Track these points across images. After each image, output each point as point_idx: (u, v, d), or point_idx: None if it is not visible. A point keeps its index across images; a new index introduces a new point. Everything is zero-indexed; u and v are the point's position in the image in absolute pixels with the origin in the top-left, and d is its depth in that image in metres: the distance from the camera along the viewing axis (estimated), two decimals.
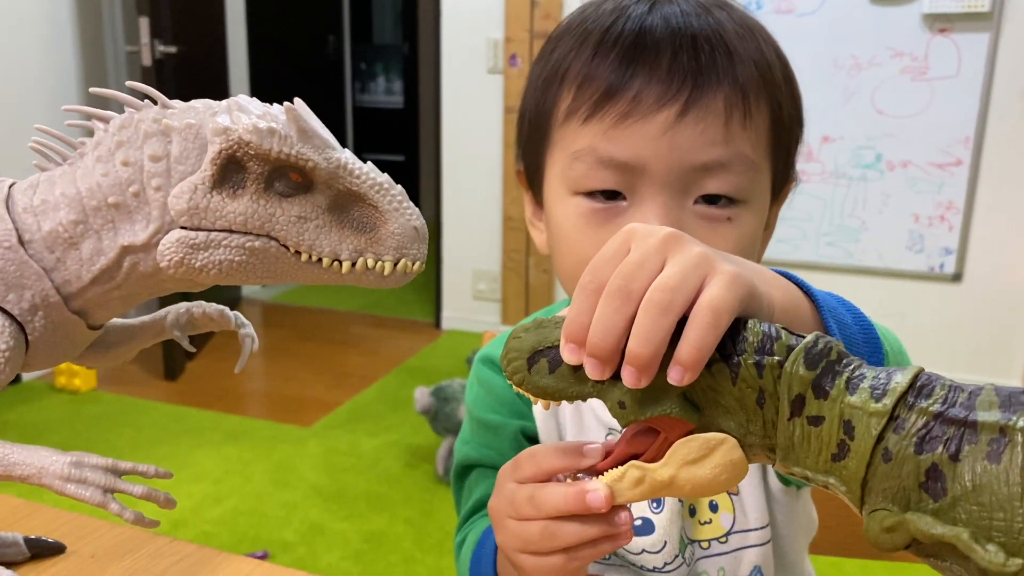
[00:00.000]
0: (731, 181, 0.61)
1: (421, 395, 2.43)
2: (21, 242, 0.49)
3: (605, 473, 0.45)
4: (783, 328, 0.40)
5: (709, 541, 0.69)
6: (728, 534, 0.69)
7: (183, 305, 0.60)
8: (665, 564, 0.68)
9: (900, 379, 0.37)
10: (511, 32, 3.42)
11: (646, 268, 0.40)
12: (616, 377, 0.40)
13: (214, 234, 0.47)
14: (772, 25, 0.69)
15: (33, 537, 0.63)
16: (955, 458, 0.35)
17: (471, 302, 3.78)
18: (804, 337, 0.39)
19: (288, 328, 3.91)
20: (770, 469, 0.70)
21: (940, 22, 2.92)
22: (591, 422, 0.71)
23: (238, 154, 0.47)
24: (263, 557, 2.09)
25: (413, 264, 0.51)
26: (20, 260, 0.48)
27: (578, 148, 0.63)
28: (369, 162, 0.52)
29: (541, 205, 0.73)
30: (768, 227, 0.70)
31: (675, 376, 0.39)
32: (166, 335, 0.60)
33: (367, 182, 0.50)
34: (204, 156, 0.48)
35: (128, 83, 0.50)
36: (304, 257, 0.49)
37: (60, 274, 0.49)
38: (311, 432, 2.79)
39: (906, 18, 2.95)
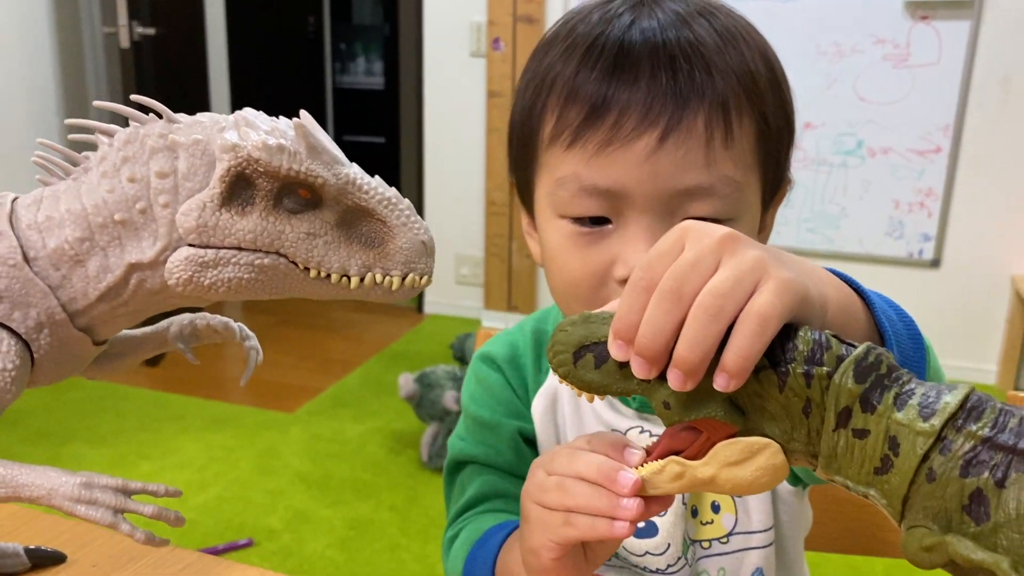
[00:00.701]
0: (715, 204, 0.61)
1: (405, 381, 2.43)
2: (26, 259, 0.48)
3: (645, 464, 0.46)
4: (834, 336, 0.40)
5: (710, 541, 0.70)
6: (729, 535, 0.70)
7: (186, 316, 0.59)
8: (668, 566, 0.68)
9: (950, 399, 0.37)
10: (494, 15, 3.39)
11: (699, 270, 0.40)
12: (662, 377, 0.41)
13: (223, 252, 0.47)
14: (755, 12, 0.68)
15: (33, 547, 0.63)
16: (1001, 484, 0.35)
17: (454, 287, 3.77)
18: (855, 347, 0.39)
19: (270, 314, 3.89)
20: None
21: (922, 9, 2.93)
22: (591, 423, 0.72)
23: (247, 171, 0.47)
24: (248, 545, 2.09)
25: (421, 278, 0.51)
26: (25, 278, 0.48)
27: (562, 175, 0.63)
28: (376, 176, 0.51)
29: (532, 216, 0.73)
30: (764, 230, 0.70)
31: (721, 383, 0.39)
32: (169, 347, 0.59)
33: (375, 197, 0.50)
34: (212, 173, 0.47)
35: (133, 96, 0.49)
36: (313, 273, 0.49)
37: (66, 292, 0.49)
38: (294, 418, 2.78)
39: (888, 5, 2.96)
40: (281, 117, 0.51)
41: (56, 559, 0.64)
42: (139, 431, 2.65)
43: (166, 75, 3.15)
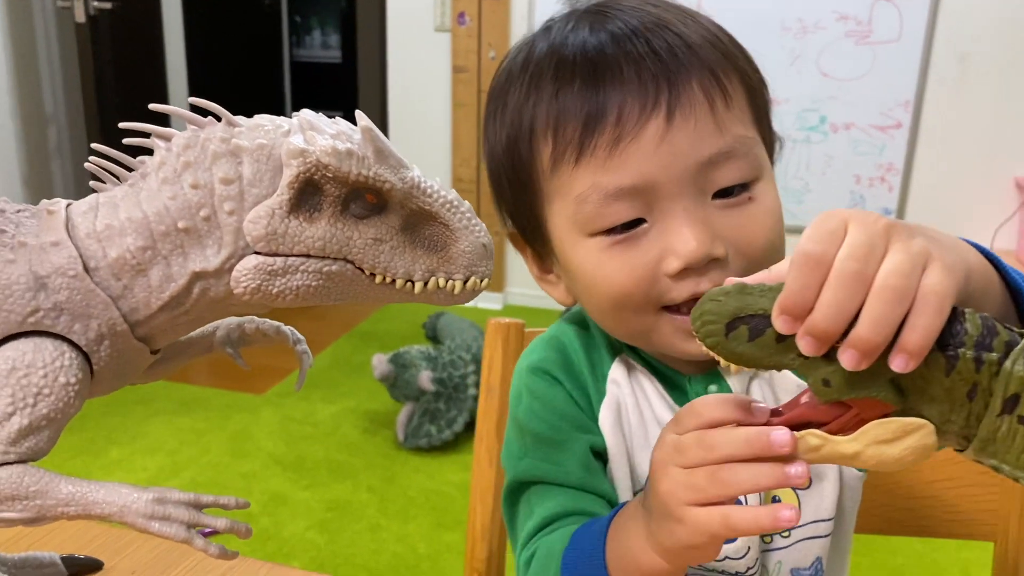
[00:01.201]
0: (739, 167, 0.61)
1: (379, 362, 2.42)
2: (87, 270, 0.46)
3: None
4: (997, 321, 0.40)
5: (771, 536, 0.69)
6: (790, 529, 0.69)
7: (234, 320, 0.58)
8: (748, 569, 0.68)
9: None
10: None
11: (876, 253, 0.40)
12: (825, 355, 0.41)
13: (292, 259, 0.46)
14: None
15: (69, 555, 0.62)
16: None
17: None
18: (1014, 332, 0.40)
19: None
20: None
21: None
22: (656, 434, 0.69)
23: (316, 177, 0.46)
24: (247, 525, 2.07)
25: (481, 281, 0.51)
26: (86, 289, 0.46)
27: (581, 191, 0.62)
28: (437, 178, 0.51)
29: (544, 260, 0.71)
30: None
31: (899, 363, 0.39)
32: (215, 351, 0.58)
33: (439, 200, 0.49)
34: (278, 178, 0.46)
35: (190, 99, 0.47)
36: (379, 279, 0.48)
37: (127, 302, 0.47)
38: (265, 400, 2.75)
39: None
40: (340, 119, 0.49)
41: (93, 567, 0.62)
42: (106, 416, 2.60)
43: (122, 50, 3.06)
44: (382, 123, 3.70)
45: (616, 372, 0.71)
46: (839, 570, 0.75)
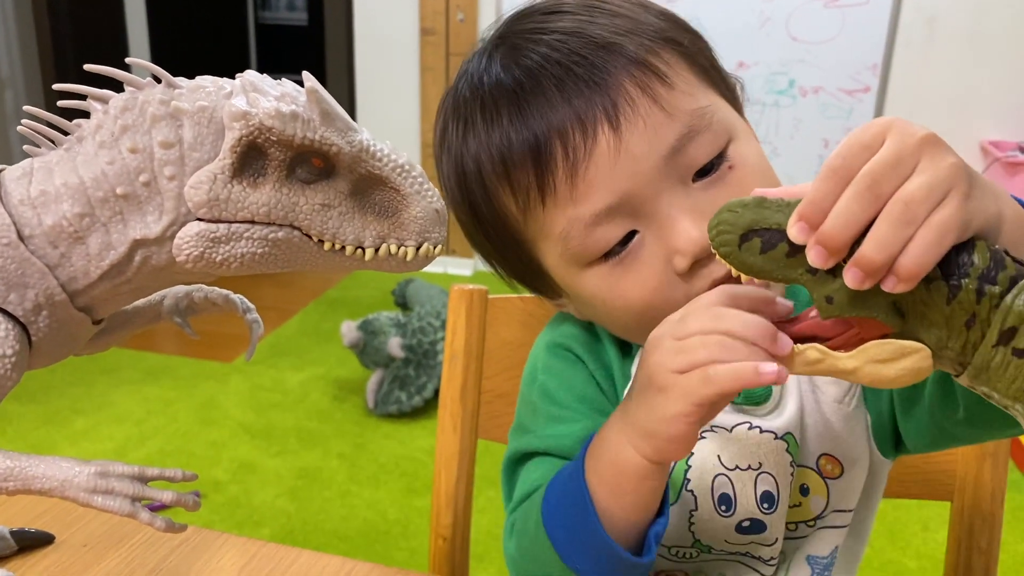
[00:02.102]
0: (705, 141, 0.59)
1: (348, 329, 2.40)
2: (21, 238, 0.45)
3: None
4: (1009, 255, 0.41)
5: (796, 524, 0.68)
6: (817, 518, 0.68)
7: (182, 289, 0.56)
8: (771, 558, 0.67)
9: None
10: None
11: (900, 170, 0.40)
12: (830, 271, 0.41)
13: (236, 226, 0.45)
14: None
15: (18, 529, 0.61)
16: None
17: None
18: None
19: None
20: (873, 445, 0.68)
21: None
22: None
23: (259, 140, 0.44)
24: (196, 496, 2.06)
25: (435, 248, 0.50)
26: (21, 257, 0.45)
27: (561, 228, 0.60)
28: (387, 142, 0.49)
29: (552, 292, 0.70)
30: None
31: (888, 284, 0.40)
32: (163, 320, 0.57)
33: (389, 164, 0.48)
34: (220, 142, 0.44)
35: (128, 59, 0.46)
36: (327, 246, 0.47)
37: (65, 271, 0.46)
38: (233, 368, 2.73)
39: None
40: (286, 80, 0.48)
41: (44, 540, 0.61)
42: (70, 386, 2.57)
43: (80, 12, 2.98)
44: (349, 87, 3.65)
45: None
46: (854, 556, 0.73)
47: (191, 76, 0.48)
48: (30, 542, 0.61)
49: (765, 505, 0.65)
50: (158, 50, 4.05)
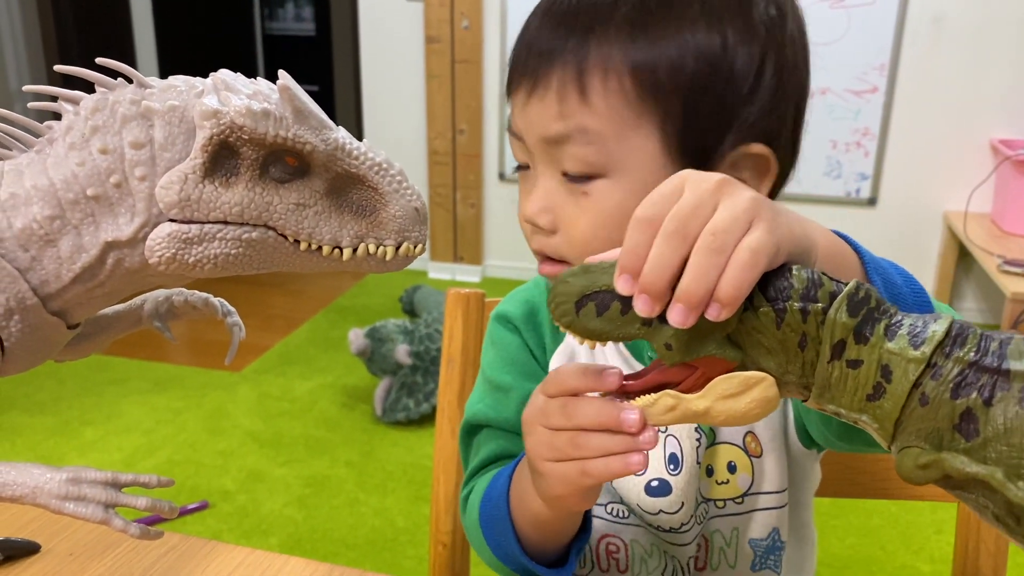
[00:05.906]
0: (577, 156, 0.62)
1: (355, 337, 2.40)
2: None
3: (637, 398, 0.47)
4: (824, 274, 0.42)
5: (724, 501, 0.71)
6: (744, 495, 0.71)
7: (162, 293, 0.56)
8: (682, 525, 0.69)
9: (937, 328, 0.40)
10: None
11: (700, 212, 0.42)
12: (663, 320, 0.42)
13: (208, 227, 0.44)
14: None
15: (4, 538, 0.60)
16: (988, 403, 0.38)
17: None
18: (845, 284, 0.41)
19: None
20: (792, 433, 0.71)
21: None
22: None
23: (231, 139, 0.43)
24: (203, 508, 2.06)
25: (415, 247, 0.49)
26: None
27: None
28: (365, 140, 0.49)
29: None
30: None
31: (712, 312, 0.41)
32: (144, 325, 0.56)
33: (366, 163, 0.47)
34: (192, 142, 0.44)
35: (98, 60, 0.45)
36: (304, 246, 0.47)
37: (37, 274, 0.45)
38: (241, 377, 2.73)
39: None
40: (260, 79, 0.47)
41: (29, 549, 0.61)
42: (80, 396, 2.58)
43: (87, 21, 3.00)
44: (356, 96, 3.65)
45: None
46: (801, 544, 0.76)
47: None
48: (16, 551, 0.60)
49: (671, 467, 0.69)
50: (166, 61, 4.06)
